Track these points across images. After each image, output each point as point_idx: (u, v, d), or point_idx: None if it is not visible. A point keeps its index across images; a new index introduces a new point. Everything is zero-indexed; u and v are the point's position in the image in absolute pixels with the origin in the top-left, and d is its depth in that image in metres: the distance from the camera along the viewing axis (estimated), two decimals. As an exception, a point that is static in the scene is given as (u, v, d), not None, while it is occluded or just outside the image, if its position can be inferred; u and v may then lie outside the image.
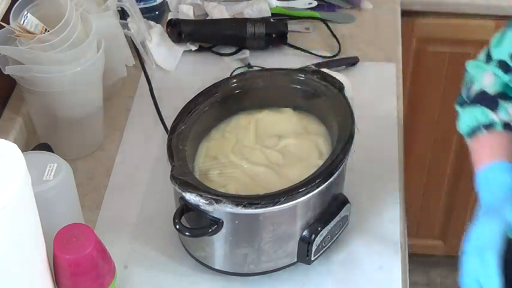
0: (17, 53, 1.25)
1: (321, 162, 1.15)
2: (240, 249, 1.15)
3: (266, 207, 1.09)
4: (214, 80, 1.28)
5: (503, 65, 1.18)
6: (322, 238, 1.17)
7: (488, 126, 1.17)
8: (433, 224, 2.28)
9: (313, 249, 1.16)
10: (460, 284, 1.07)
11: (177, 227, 1.11)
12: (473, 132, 1.18)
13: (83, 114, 1.36)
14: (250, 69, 1.56)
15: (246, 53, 1.63)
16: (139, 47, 1.46)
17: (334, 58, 1.61)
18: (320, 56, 1.61)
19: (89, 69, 1.29)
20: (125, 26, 1.43)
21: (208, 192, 1.09)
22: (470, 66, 1.23)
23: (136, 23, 1.48)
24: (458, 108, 1.22)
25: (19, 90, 1.39)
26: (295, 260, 1.19)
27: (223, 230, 1.12)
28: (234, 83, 1.27)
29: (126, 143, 1.44)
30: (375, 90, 1.53)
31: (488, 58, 1.21)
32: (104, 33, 1.33)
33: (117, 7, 1.44)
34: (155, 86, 1.39)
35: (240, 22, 1.66)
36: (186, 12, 1.72)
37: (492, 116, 1.17)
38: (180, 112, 1.22)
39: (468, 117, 1.19)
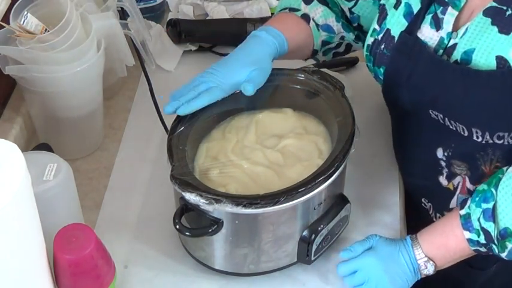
0: (17, 53, 1.25)
1: (321, 162, 1.15)
2: (240, 249, 1.15)
3: (266, 207, 1.08)
4: (214, 80, 1.28)
5: None
6: (322, 238, 1.17)
7: (292, 9, 1.35)
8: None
9: (313, 249, 1.16)
10: None
11: (177, 227, 1.11)
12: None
13: (82, 114, 1.36)
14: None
15: (246, 53, 1.63)
16: (139, 47, 1.46)
17: (334, 58, 1.61)
18: (320, 56, 1.61)
19: (89, 69, 1.29)
20: (124, 26, 1.43)
21: (208, 192, 1.09)
22: None
23: (136, 23, 1.48)
24: None
25: (19, 90, 1.39)
26: (295, 260, 1.19)
27: (223, 230, 1.12)
28: (234, 83, 1.27)
29: (126, 143, 1.44)
30: (375, 90, 1.52)
31: None
32: (104, 33, 1.33)
33: (117, 7, 1.44)
34: (155, 86, 1.39)
35: (240, 22, 1.66)
36: (186, 12, 1.72)
37: (302, 6, 1.35)
38: (180, 112, 1.22)
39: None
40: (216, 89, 1.21)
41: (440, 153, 1.24)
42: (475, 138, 1.17)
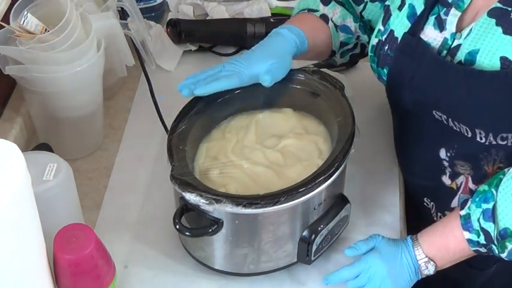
0: (17, 53, 1.25)
1: (321, 162, 1.15)
2: (240, 249, 1.15)
3: (266, 207, 1.08)
4: (214, 80, 1.28)
5: None
6: (322, 238, 1.17)
7: (311, 10, 1.35)
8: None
9: (313, 249, 1.16)
10: None
11: (177, 227, 1.11)
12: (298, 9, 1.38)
13: (82, 114, 1.36)
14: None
15: (246, 53, 1.63)
16: (139, 47, 1.46)
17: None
18: (320, 56, 1.61)
19: (89, 69, 1.29)
20: (124, 26, 1.43)
21: (208, 192, 1.09)
22: None
23: (136, 23, 1.48)
24: None
25: (19, 90, 1.39)
26: (295, 260, 1.19)
27: (223, 230, 1.12)
28: (234, 83, 1.27)
29: (126, 143, 1.44)
30: (375, 90, 1.52)
31: None
32: (104, 33, 1.33)
33: (117, 7, 1.44)
34: (155, 86, 1.39)
35: (240, 22, 1.66)
36: (186, 12, 1.72)
37: (320, 6, 1.35)
38: (180, 112, 1.22)
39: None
40: (235, 76, 1.21)
41: (443, 153, 1.24)
42: (478, 139, 1.17)
